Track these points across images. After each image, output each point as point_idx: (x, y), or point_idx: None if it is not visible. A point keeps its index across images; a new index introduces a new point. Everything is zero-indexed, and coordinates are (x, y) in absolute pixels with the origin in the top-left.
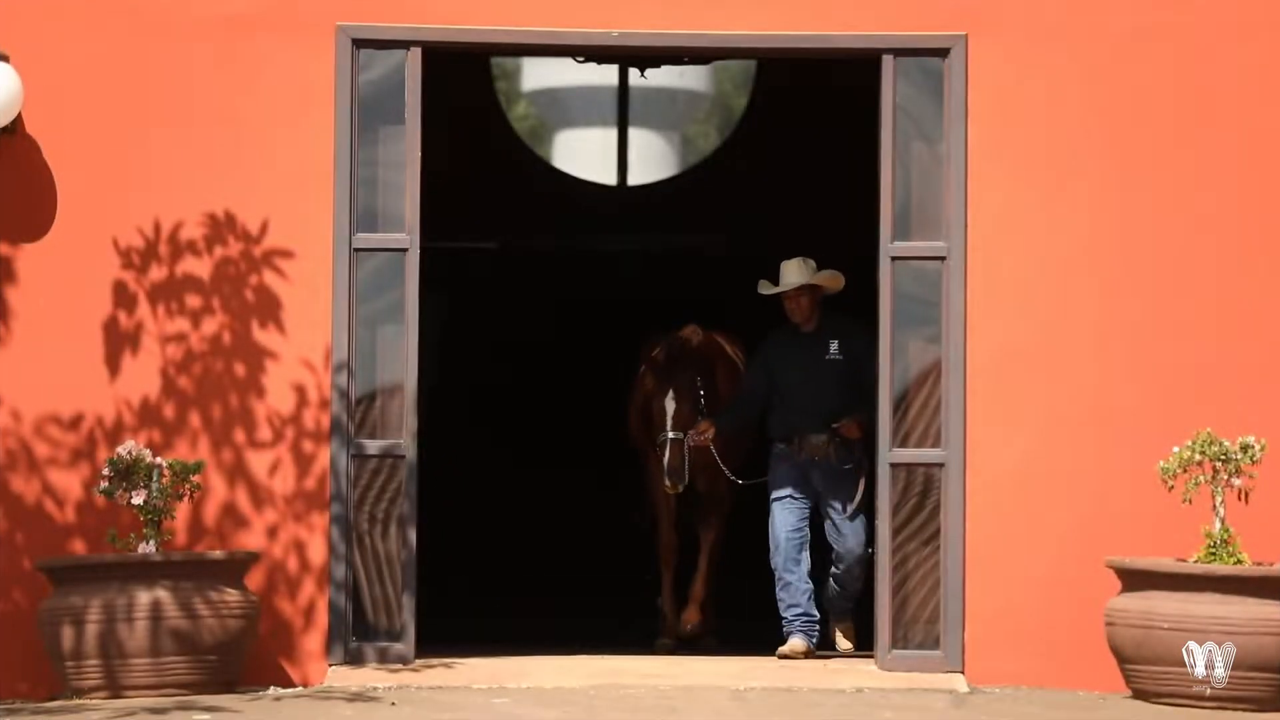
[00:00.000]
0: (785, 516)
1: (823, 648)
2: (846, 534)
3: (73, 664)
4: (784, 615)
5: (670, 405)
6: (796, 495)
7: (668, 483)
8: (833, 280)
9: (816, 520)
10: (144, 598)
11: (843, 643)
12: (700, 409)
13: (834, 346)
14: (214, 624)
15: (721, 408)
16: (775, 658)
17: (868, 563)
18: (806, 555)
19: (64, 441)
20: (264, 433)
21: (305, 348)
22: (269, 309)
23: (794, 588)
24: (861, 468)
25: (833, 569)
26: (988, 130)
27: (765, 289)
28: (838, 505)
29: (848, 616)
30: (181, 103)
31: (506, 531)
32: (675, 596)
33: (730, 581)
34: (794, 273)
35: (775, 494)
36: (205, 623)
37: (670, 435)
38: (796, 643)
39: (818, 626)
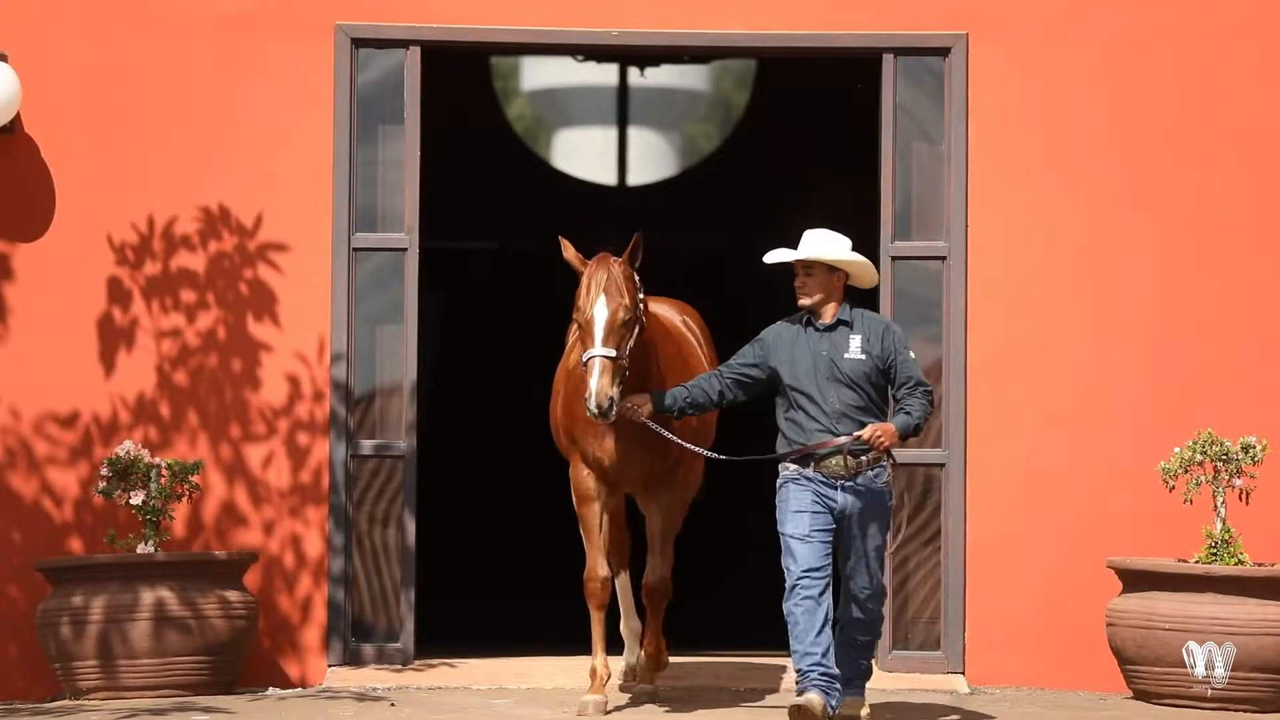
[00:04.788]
0: (805, 553)
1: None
2: (875, 573)
3: (73, 664)
4: (798, 668)
5: (602, 312)
6: (817, 527)
7: (593, 409)
8: (860, 268)
9: None
10: (144, 598)
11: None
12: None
13: (855, 344)
14: (214, 624)
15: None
16: (786, 713)
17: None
18: (829, 600)
19: (61, 439)
20: (261, 431)
21: (304, 347)
22: (268, 309)
23: (812, 638)
24: (891, 490)
25: (852, 612)
26: (988, 130)
27: (773, 257)
28: (865, 539)
29: (861, 687)
30: (181, 102)
31: (505, 532)
32: (607, 645)
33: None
34: (812, 244)
35: (790, 527)
36: (205, 623)
37: (599, 353)
38: (813, 698)
39: (839, 688)
